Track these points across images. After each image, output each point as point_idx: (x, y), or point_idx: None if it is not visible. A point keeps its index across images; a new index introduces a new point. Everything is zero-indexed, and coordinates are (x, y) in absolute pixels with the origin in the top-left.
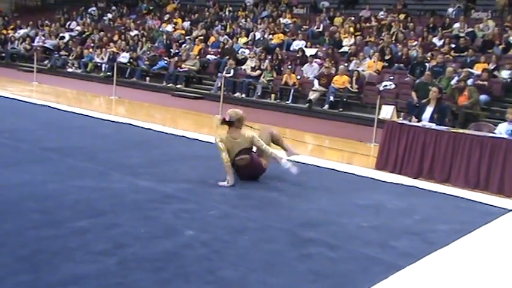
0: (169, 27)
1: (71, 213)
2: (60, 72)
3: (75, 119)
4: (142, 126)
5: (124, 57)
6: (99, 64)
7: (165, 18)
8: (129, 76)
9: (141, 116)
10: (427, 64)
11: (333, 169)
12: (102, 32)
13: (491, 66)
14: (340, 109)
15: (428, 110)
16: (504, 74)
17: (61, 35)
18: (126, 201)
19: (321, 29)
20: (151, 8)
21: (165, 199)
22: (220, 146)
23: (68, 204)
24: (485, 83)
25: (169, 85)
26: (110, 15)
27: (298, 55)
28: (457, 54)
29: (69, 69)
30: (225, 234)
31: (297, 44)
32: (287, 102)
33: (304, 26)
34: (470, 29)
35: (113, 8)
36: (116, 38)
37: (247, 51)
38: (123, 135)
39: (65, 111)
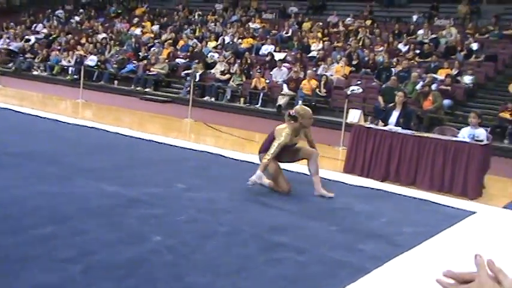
0: (138, 31)
1: (33, 219)
2: (25, 75)
3: (40, 123)
4: (109, 130)
5: (92, 60)
6: (65, 67)
7: (134, 22)
8: (97, 79)
9: (108, 119)
10: (392, 69)
11: (302, 173)
12: (69, 35)
13: (454, 72)
14: None
15: (395, 114)
16: (466, 79)
17: (26, 37)
18: (92, 207)
19: (289, 34)
20: (120, 11)
21: (131, 204)
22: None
23: (31, 210)
24: (449, 88)
25: (137, 89)
26: (77, 18)
27: (267, 59)
28: (421, 60)
29: (35, 72)
30: (193, 239)
31: (266, 49)
32: (256, 106)
33: (273, 31)
34: (433, 36)
35: (81, 10)
36: (83, 40)
37: (216, 55)
38: (90, 139)
39: (29, 114)
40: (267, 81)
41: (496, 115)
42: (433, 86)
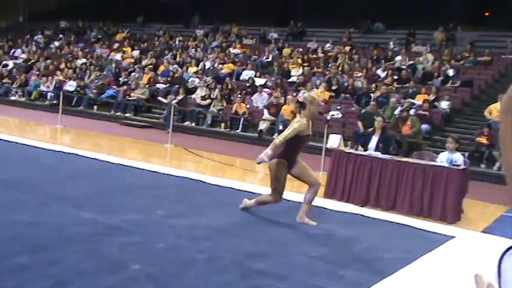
0: (118, 56)
1: (8, 248)
2: (2, 100)
3: (16, 149)
4: (88, 156)
5: (71, 86)
6: (44, 92)
7: (114, 47)
8: (76, 105)
9: (87, 145)
10: (371, 94)
11: (285, 199)
12: (48, 60)
13: (432, 97)
14: None
15: (374, 139)
16: (443, 104)
17: (4, 62)
18: (69, 235)
19: (270, 59)
20: (100, 36)
21: (110, 231)
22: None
23: (6, 239)
24: (426, 113)
25: (117, 114)
26: (57, 43)
27: (247, 84)
28: (399, 86)
29: (12, 97)
30: (173, 266)
31: (247, 74)
32: (237, 131)
33: (254, 56)
34: (411, 62)
35: (60, 36)
36: (62, 66)
37: (197, 80)
38: (69, 165)
39: (6, 140)
40: (248, 106)
41: (473, 140)
42: (411, 111)
